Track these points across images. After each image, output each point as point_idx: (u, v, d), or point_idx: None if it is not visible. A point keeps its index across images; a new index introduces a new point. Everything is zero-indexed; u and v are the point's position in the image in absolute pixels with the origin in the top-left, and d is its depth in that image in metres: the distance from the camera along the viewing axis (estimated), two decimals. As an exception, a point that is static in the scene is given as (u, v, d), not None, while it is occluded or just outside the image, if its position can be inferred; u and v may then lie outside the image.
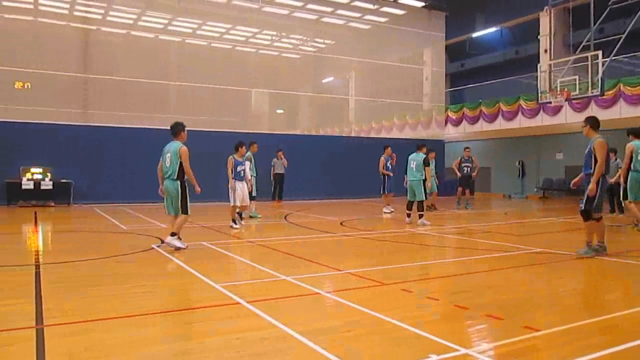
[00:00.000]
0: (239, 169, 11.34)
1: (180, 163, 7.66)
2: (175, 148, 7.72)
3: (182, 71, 20.45)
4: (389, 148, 15.37)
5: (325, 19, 23.79)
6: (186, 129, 8.02)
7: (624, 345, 3.49)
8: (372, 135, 25.74)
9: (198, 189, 7.89)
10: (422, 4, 24.81)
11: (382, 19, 24.74)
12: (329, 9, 23.32)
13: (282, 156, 18.47)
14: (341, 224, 12.10)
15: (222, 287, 5.29)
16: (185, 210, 7.77)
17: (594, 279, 6.33)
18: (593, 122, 7.74)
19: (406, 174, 12.46)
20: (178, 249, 7.66)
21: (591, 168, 7.28)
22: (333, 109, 26.36)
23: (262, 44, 23.78)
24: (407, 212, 12.31)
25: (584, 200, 7.31)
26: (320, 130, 25.53)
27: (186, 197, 7.80)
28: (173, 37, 21.26)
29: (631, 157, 10.38)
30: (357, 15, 24.21)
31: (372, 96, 25.88)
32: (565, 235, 10.58)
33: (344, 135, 25.05)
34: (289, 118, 25.67)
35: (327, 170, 21.38)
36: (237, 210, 11.37)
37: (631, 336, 3.68)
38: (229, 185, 11.18)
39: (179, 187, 7.72)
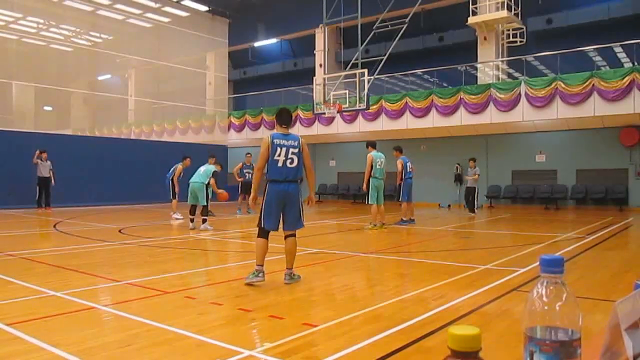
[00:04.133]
0: None
1: None
2: None
3: None
4: (189, 159, 13.93)
5: (102, 12, 22.22)
6: None
7: (388, 331, 3.93)
8: (154, 138, 24.81)
9: None
10: (206, 8, 24.80)
11: (165, 19, 24.07)
12: (107, 2, 21.86)
13: (46, 158, 16.86)
14: (120, 231, 11.39)
15: (-28, 309, 4.56)
16: None
17: (363, 274, 7.00)
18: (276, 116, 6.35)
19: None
20: None
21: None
22: (111, 109, 24.73)
23: (26, 32, 21.18)
24: (190, 217, 12.12)
25: None
26: (96, 131, 23.73)
27: None
28: None
29: (372, 166, 11.77)
30: (138, 12, 23.14)
31: (153, 97, 24.97)
32: (339, 236, 11.52)
33: (122, 137, 23.66)
34: (59, 116, 23.28)
35: (104, 174, 19.91)
36: None
37: (392, 323, 4.16)
38: None
39: None
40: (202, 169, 12.15)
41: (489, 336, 3.78)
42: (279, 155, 5.83)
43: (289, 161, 5.89)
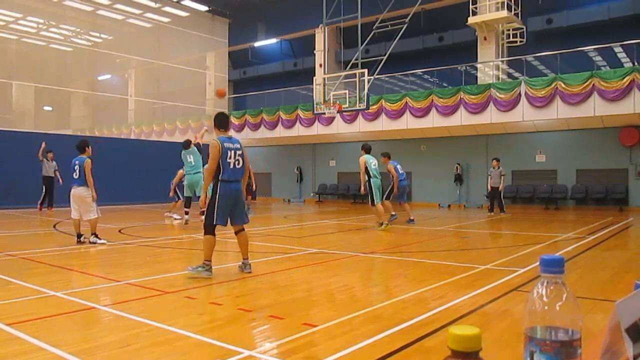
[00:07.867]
0: None
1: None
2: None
3: None
4: None
5: (102, 12, 22.22)
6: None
7: (388, 331, 3.93)
8: (154, 138, 24.80)
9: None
10: (206, 8, 24.81)
11: (165, 19, 24.08)
12: (106, 2, 21.85)
13: (52, 158, 16.81)
14: (120, 231, 11.40)
15: (-28, 309, 4.55)
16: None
17: (363, 274, 6.99)
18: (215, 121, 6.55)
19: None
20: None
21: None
22: (111, 109, 24.72)
23: (26, 32, 21.18)
24: (186, 209, 12.06)
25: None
26: (96, 131, 23.72)
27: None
28: None
29: (366, 168, 11.80)
30: (138, 12, 23.15)
31: (153, 97, 24.96)
32: (339, 236, 11.51)
33: (122, 137, 23.65)
34: (59, 116, 23.27)
35: (103, 174, 19.79)
36: None
37: (392, 323, 4.16)
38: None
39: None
40: (191, 160, 12.12)
41: (489, 336, 3.78)
42: (231, 158, 6.21)
43: (237, 163, 6.29)
